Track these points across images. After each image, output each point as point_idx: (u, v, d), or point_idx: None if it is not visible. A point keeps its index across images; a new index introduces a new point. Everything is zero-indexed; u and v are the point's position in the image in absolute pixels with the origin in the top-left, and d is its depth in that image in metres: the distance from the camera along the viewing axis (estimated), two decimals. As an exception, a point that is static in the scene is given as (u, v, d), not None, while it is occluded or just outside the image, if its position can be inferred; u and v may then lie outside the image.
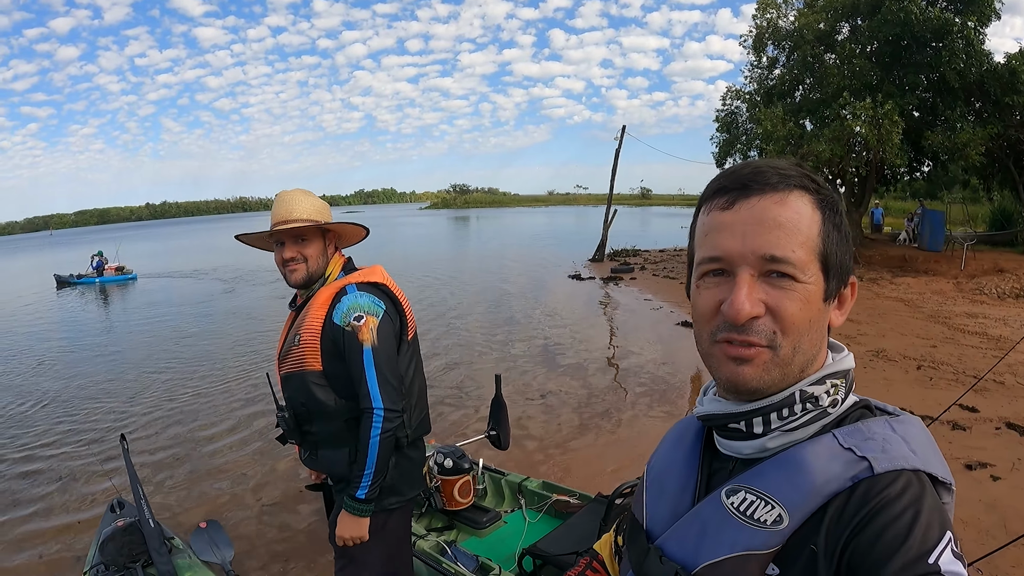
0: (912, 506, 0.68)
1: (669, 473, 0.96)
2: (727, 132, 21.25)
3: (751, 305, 0.75)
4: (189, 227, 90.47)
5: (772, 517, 0.74)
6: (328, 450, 2.18)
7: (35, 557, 4.19)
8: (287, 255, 2.13)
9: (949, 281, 13.05)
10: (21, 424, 6.96)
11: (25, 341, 12.09)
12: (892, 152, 15.30)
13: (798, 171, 0.80)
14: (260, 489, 5.04)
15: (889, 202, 28.48)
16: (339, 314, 2.07)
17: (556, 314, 12.39)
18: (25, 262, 40.40)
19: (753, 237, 0.76)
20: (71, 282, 21.39)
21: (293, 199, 2.16)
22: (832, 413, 0.81)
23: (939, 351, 7.84)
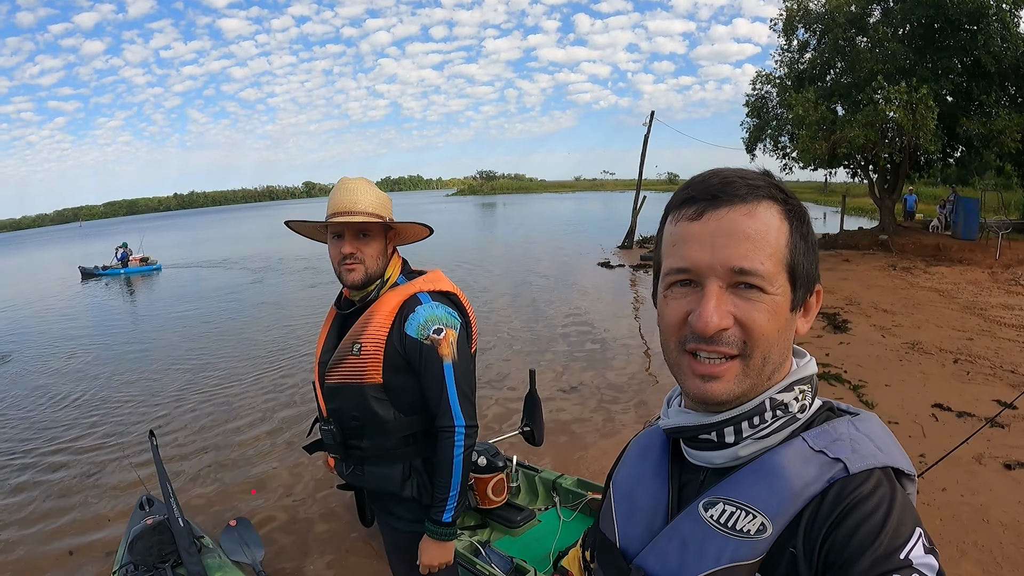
0: (884, 504, 0.70)
1: (638, 488, 0.95)
2: (757, 117, 20.86)
3: (719, 317, 0.76)
4: (217, 216, 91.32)
5: (755, 526, 0.75)
6: (378, 466, 2.01)
7: (64, 553, 4.22)
8: (346, 250, 1.92)
9: (984, 271, 12.74)
10: (51, 419, 7.05)
11: (55, 334, 12.25)
12: (927, 138, 14.93)
13: (766, 181, 0.81)
14: (290, 486, 5.04)
15: (919, 188, 27.91)
16: (414, 325, 1.90)
17: (586, 303, 12.28)
18: (56, 253, 41.22)
19: (722, 249, 0.77)
20: (96, 273, 21.74)
21: (358, 188, 1.95)
22: (801, 418, 0.82)
23: (975, 344, 7.64)
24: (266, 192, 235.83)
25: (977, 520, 3.95)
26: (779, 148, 20.61)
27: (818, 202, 43.47)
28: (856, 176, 20.83)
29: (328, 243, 2.00)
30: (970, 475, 4.44)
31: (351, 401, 1.96)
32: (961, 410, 5.58)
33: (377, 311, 1.94)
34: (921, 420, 5.48)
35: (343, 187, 1.95)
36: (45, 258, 38.32)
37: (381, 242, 1.99)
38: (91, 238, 54.31)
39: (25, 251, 49.24)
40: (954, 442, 4.95)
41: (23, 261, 38.07)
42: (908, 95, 14.65)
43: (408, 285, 1.98)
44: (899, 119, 14.93)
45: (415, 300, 1.94)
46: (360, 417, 1.96)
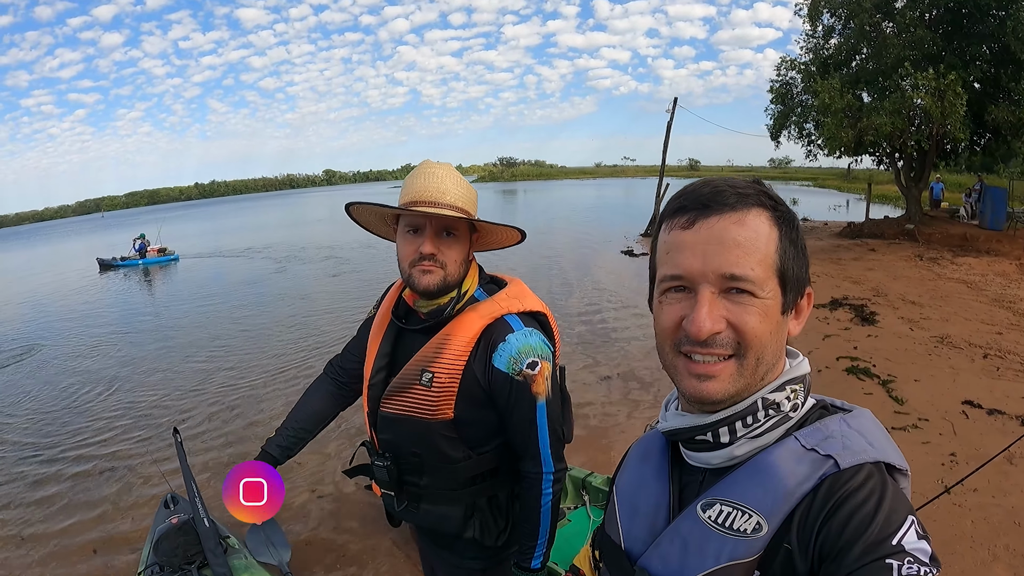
0: (875, 493, 0.73)
1: (640, 491, 0.99)
2: (782, 104, 20.56)
3: (712, 322, 0.79)
4: (238, 205, 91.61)
5: (751, 525, 0.78)
6: (436, 505, 1.74)
7: (89, 551, 4.25)
8: (427, 249, 1.57)
9: (1012, 262, 12.48)
10: (74, 414, 7.10)
11: (76, 327, 12.28)
12: (956, 126, 14.65)
13: (756, 189, 0.84)
14: (316, 484, 5.01)
15: (945, 175, 27.44)
16: (504, 357, 1.59)
17: (611, 292, 12.19)
18: (78, 244, 41.42)
19: (713, 256, 0.80)
20: (115, 264, 21.91)
21: (446, 176, 1.61)
22: (793, 417, 0.85)
23: (1005, 339, 7.47)
24: (286, 180, 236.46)
25: (1009, 523, 3.87)
26: (804, 135, 20.31)
27: (841, 189, 43.07)
28: (882, 164, 20.52)
29: (398, 237, 1.66)
30: (1002, 476, 4.35)
31: (412, 437, 1.69)
32: (992, 408, 5.47)
33: (455, 335, 1.63)
34: (951, 417, 5.38)
35: (427, 171, 1.62)
36: (68, 249, 38.50)
37: (466, 245, 1.67)
38: (113, 228, 54.49)
39: (49, 242, 49.65)
40: (985, 441, 4.91)
41: (47, 251, 38.57)
42: (936, 82, 14.34)
43: (491, 303, 1.67)
44: (927, 106, 14.63)
45: (504, 325, 1.64)
46: (423, 455, 1.70)
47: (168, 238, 25.16)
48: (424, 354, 1.65)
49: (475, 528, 1.73)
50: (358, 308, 11.51)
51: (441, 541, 1.84)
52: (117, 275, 20.28)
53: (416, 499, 1.76)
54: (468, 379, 1.62)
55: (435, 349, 1.64)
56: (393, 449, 1.74)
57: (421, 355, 1.65)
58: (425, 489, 1.74)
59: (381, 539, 4.16)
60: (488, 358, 1.61)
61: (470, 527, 1.73)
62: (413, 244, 1.60)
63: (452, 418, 1.65)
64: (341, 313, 11.52)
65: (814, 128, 19.48)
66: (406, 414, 1.67)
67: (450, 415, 1.64)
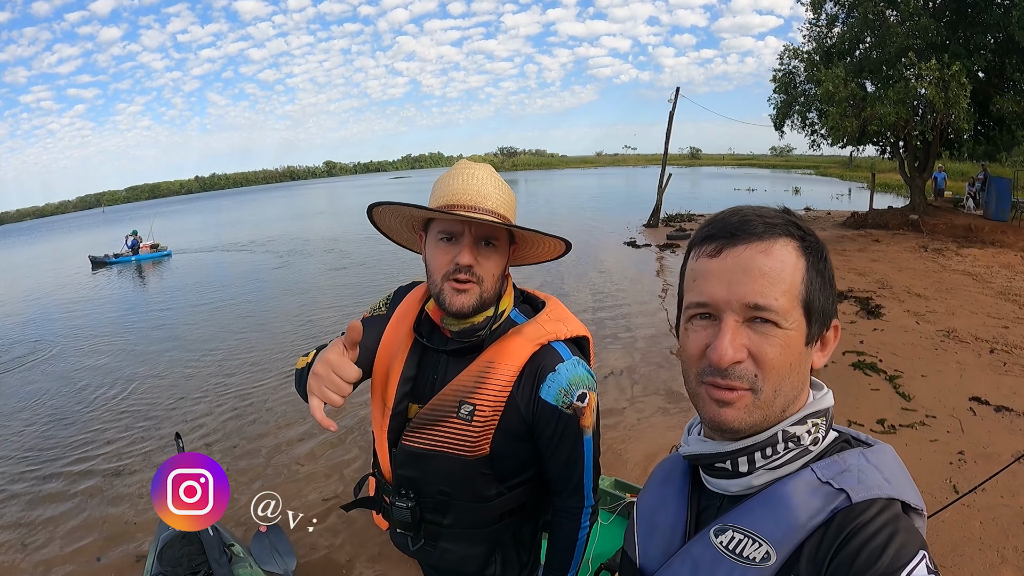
0: (887, 527, 0.73)
1: (659, 511, 1.00)
2: (785, 93, 20.42)
3: (734, 351, 0.80)
4: (239, 198, 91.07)
5: (760, 554, 0.78)
6: (458, 544, 1.56)
7: (92, 559, 4.23)
8: (465, 260, 1.38)
9: (1017, 254, 12.44)
10: (74, 420, 7.01)
11: (73, 329, 12.07)
12: (960, 116, 14.54)
13: (784, 219, 0.85)
14: (321, 489, 4.99)
15: (947, 164, 27.34)
16: (554, 389, 1.43)
17: (615, 284, 12.16)
18: (80, 240, 40.68)
19: (738, 285, 0.81)
20: (107, 262, 21.77)
21: (487, 178, 1.44)
22: (813, 450, 0.85)
23: (1011, 333, 7.44)
24: (287, 172, 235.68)
25: (1017, 524, 3.84)
26: (807, 124, 20.19)
27: (843, 177, 42.94)
28: (885, 153, 20.42)
29: (429, 245, 1.47)
30: (1010, 475, 4.31)
31: (442, 474, 1.49)
32: (1000, 404, 5.45)
33: (500, 362, 1.45)
34: (959, 414, 5.36)
35: (466, 172, 1.44)
36: (67, 245, 38.11)
37: (505, 257, 1.48)
38: (114, 223, 53.46)
39: (52, 238, 49.29)
40: (993, 439, 4.89)
41: (48, 248, 38.26)
42: (940, 72, 14.24)
43: (536, 326, 1.50)
44: (931, 96, 14.53)
45: (552, 353, 1.47)
46: (451, 494, 1.51)
47: (168, 232, 25.17)
48: (463, 383, 1.46)
49: (497, 566, 1.60)
50: (364, 303, 11.49)
51: None
52: (111, 273, 20.14)
53: (434, 538, 1.57)
54: (510, 411, 1.45)
55: (476, 378, 1.45)
56: (415, 487, 1.53)
57: (459, 384, 1.46)
58: (447, 528, 1.55)
59: (388, 546, 4.14)
60: (535, 389, 1.45)
61: (492, 565, 1.59)
62: (448, 253, 1.41)
63: (488, 454, 1.47)
64: (343, 307, 11.49)
65: (818, 117, 19.34)
66: (438, 450, 1.47)
67: (487, 450, 1.47)
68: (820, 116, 18.77)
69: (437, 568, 1.70)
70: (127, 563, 4.14)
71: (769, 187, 38.37)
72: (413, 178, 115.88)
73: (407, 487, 1.54)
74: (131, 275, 19.31)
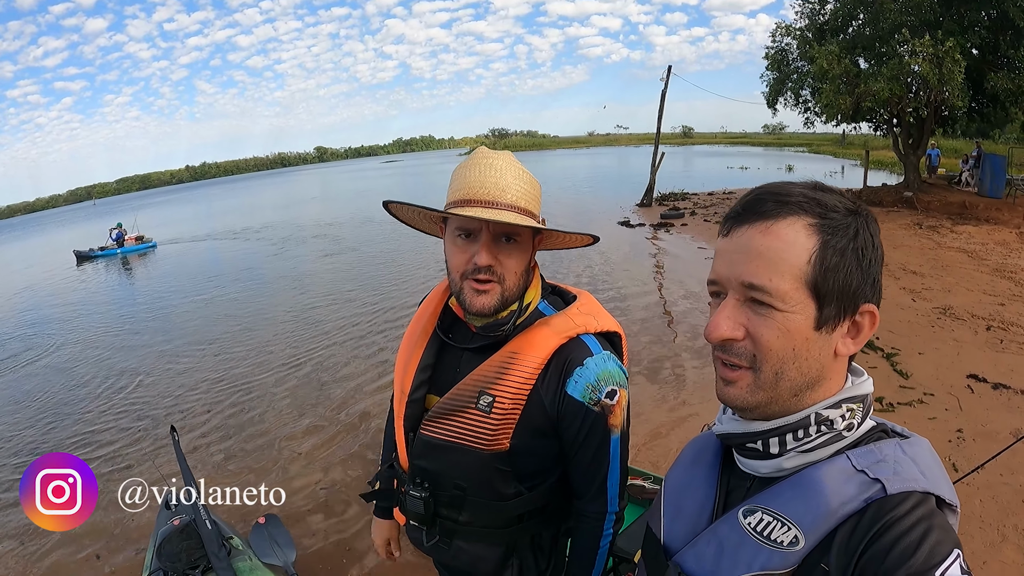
0: (922, 523, 0.71)
1: (688, 489, 0.99)
2: (777, 70, 20.36)
3: (725, 328, 0.81)
4: (230, 186, 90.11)
5: (788, 538, 0.77)
6: (472, 544, 1.50)
7: (91, 556, 4.17)
8: (483, 261, 1.32)
9: (1012, 231, 12.40)
10: (66, 415, 6.92)
11: (63, 323, 11.89)
12: (955, 93, 14.50)
13: (804, 195, 0.81)
14: (321, 479, 4.95)
15: (941, 141, 27.30)
16: (581, 384, 1.35)
17: (610, 264, 12.12)
18: (71, 234, 39.13)
19: (736, 265, 0.81)
20: (92, 256, 21.48)
21: (505, 169, 1.36)
22: (847, 436, 0.83)
23: (1008, 310, 7.44)
24: (278, 159, 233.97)
25: (1017, 502, 3.85)
26: (801, 102, 20.13)
27: (836, 155, 42.92)
28: (879, 130, 20.37)
29: (447, 241, 1.40)
30: (1010, 453, 4.28)
31: (458, 468, 1.43)
32: (997, 382, 5.45)
33: (524, 353, 1.37)
34: (957, 392, 5.36)
35: (483, 162, 1.36)
36: (59, 239, 36.60)
37: (528, 252, 1.41)
38: (105, 216, 52.14)
39: (43, 232, 48.10)
40: (991, 417, 4.89)
41: (39, 243, 37.65)
42: (934, 48, 14.18)
43: (565, 318, 1.42)
44: (925, 73, 14.49)
45: (581, 347, 1.39)
46: (467, 489, 1.44)
47: (160, 223, 24.92)
48: (483, 373, 1.39)
49: (513, 570, 1.51)
50: (362, 292, 11.49)
51: None
52: (96, 266, 19.85)
53: (449, 534, 1.51)
54: (533, 405, 1.38)
55: (498, 368, 1.38)
56: (431, 479, 1.47)
57: (480, 374, 1.39)
58: (462, 526, 1.48)
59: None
60: (561, 383, 1.37)
61: (508, 570, 1.51)
62: (465, 252, 1.35)
63: (508, 449, 1.40)
64: (339, 294, 11.39)
65: (811, 95, 19.31)
66: (454, 442, 1.41)
67: (506, 445, 1.39)
68: (814, 93, 18.77)
69: (450, 568, 1.65)
70: (126, 560, 4.10)
71: (762, 165, 38.31)
72: (405, 162, 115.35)
73: (423, 478, 1.48)
74: (118, 268, 19.05)
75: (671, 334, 7.83)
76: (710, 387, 5.26)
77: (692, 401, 5.76)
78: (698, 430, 4.74)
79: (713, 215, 17.49)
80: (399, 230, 15.30)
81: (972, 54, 15.82)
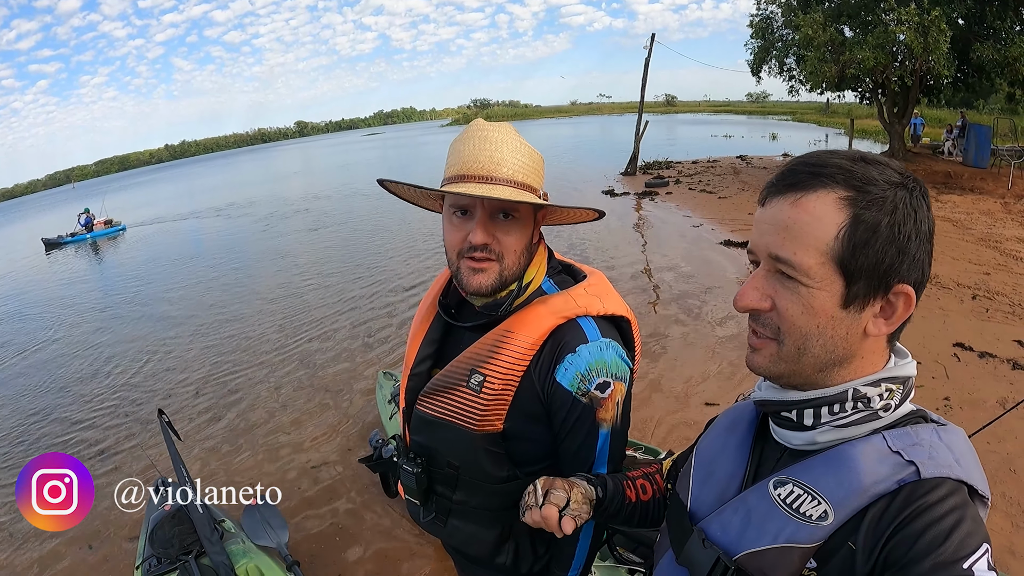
0: (954, 512, 0.70)
1: (719, 458, 0.99)
2: (762, 38, 20.22)
3: (752, 298, 0.82)
4: (210, 164, 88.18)
5: (817, 512, 0.77)
6: (467, 523, 1.45)
7: (85, 548, 4.12)
8: (478, 239, 1.25)
9: (996, 201, 12.42)
10: (54, 402, 6.82)
11: (43, 309, 11.64)
12: (940, 62, 14.46)
13: (839, 166, 0.78)
14: (310, 458, 4.93)
15: (925, 111, 27.34)
16: (571, 374, 1.28)
17: (595, 233, 12.02)
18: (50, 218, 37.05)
19: (765, 236, 0.81)
20: (61, 242, 20.92)
21: (502, 142, 1.28)
22: (884, 417, 0.82)
23: (993, 279, 7.50)
24: (258, 135, 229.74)
25: (1005, 470, 3.91)
26: (785, 70, 20.03)
27: (820, 123, 42.77)
28: (864, 99, 20.35)
29: (444, 219, 1.34)
30: (997, 422, 4.37)
31: (451, 446, 1.39)
32: (983, 351, 5.51)
33: (518, 332, 1.31)
34: (943, 360, 5.42)
35: (478, 135, 1.29)
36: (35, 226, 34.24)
37: (528, 228, 1.33)
38: (84, 199, 50.68)
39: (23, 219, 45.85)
40: (978, 385, 4.96)
41: (17, 229, 36.04)
42: (920, 17, 14.10)
43: (564, 299, 1.34)
44: (910, 41, 14.43)
45: (576, 331, 1.31)
46: (461, 468, 1.40)
47: (139, 204, 24.31)
48: (476, 351, 1.33)
49: (508, 555, 1.46)
50: (347, 270, 11.38)
51: (470, 558, 1.58)
52: (66, 253, 19.20)
53: (445, 512, 1.47)
54: (527, 389, 1.31)
55: (490, 347, 1.32)
56: (426, 455, 1.44)
57: (472, 352, 1.34)
58: (457, 504, 1.44)
59: (383, 517, 4.12)
60: (551, 368, 1.30)
61: (503, 553, 1.46)
62: (461, 230, 1.28)
63: (501, 431, 1.35)
64: (325, 277, 11.20)
65: (795, 63, 19.20)
66: (446, 419, 1.37)
67: (499, 427, 1.34)
68: (798, 61, 18.64)
69: (447, 545, 1.65)
70: (119, 549, 4.06)
71: (746, 133, 38.08)
72: (387, 134, 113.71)
73: (419, 453, 1.45)
74: (88, 254, 18.58)
75: (654, 302, 7.82)
76: (688, 357, 5.25)
77: (666, 372, 5.80)
78: (676, 401, 4.73)
79: (698, 183, 17.41)
80: (385, 203, 14.94)
81: (958, 24, 15.74)
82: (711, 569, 0.86)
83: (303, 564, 3.59)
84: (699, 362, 5.99)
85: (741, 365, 5.76)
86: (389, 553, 3.78)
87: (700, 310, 7.48)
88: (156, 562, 2.86)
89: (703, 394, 5.33)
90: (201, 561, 2.86)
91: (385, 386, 4.86)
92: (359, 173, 31.53)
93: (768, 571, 0.80)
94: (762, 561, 0.80)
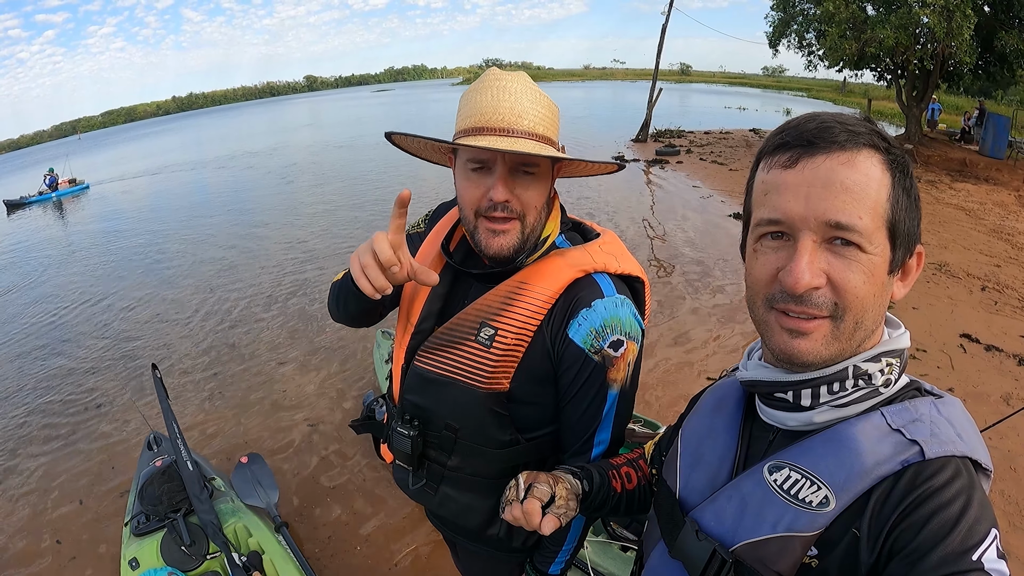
0: (961, 496, 0.66)
1: (707, 440, 0.94)
2: (783, 11, 19.80)
3: (811, 275, 0.72)
4: (218, 116, 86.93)
5: (818, 498, 0.73)
6: (461, 493, 1.38)
7: (76, 503, 4.10)
8: (499, 196, 1.17)
9: (1011, 193, 12.25)
10: (44, 357, 6.68)
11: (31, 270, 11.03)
12: (962, 48, 14.16)
13: (867, 127, 0.75)
14: (307, 416, 4.89)
15: (942, 97, 26.97)
16: (584, 330, 1.21)
17: (603, 199, 11.93)
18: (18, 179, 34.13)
19: (818, 200, 0.72)
20: (25, 203, 20.40)
21: (521, 92, 1.19)
22: (884, 393, 0.78)
23: (1003, 272, 7.40)
24: (267, 88, 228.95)
25: (1005, 467, 3.87)
26: (805, 45, 19.67)
27: (836, 102, 42.24)
28: (882, 80, 20.01)
29: (458, 174, 1.25)
30: (997, 418, 4.34)
31: (451, 406, 1.30)
32: (990, 343, 5.45)
33: (535, 283, 1.23)
34: (949, 350, 5.36)
35: (496, 85, 1.19)
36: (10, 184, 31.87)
37: (547, 183, 1.25)
38: (90, 151, 47.52)
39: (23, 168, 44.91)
40: (983, 378, 4.89)
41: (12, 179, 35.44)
42: (945, 0, 13.78)
43: (582, 252, 1.27)
44: (933, 24, 14.11)
45: (592, 286, 1.24)
46: (461, 430, 1.31)
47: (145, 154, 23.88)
48: (488, 303, 1.25)
49: (501, 527, 1.40)
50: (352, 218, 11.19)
51: (459, 530, 1.51)
52: (33, 212, 18.39)
53: (436, 479, 1.39)
54: (536, 346, 1.24)
55: (504, 298, 1.24)
56: (422, 416, 1.35)
57: (483, 303, 1.26)
58: (451, 471, 1.37)
59: (375, 477, 4.09)
60: (564, 324, 1.23)
61: (496, 525, 1.40)
62: (480, 187, 1.19)
63: (507, 390, 1.26)
64: (332, 230, 10.84)
65: (815, 38, 18.84)
66: (450, 376, 1.28)
67: (506, 386, 1.26)
68: (818, 37, 18.31)
69: (436, 516, 1.55)
70: (110, 503, 4.04)
71: (760, 106, 37.62)
72: (396, 91, 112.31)
73: (413, 414, 1.36)
74: (54, 212, 17.92)
75: (657, 270, 7.69)
76: (691, 330, 5.15)
77: (668, 344, 5.72)
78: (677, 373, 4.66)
79: (709, 154, 17.18)
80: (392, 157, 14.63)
81: (984, 11, 15.39)
82: (707, 562, 0.82)
83: (292, 525, 3.58)
84: (701, 335, 5.94)
85: (744, 339, 5.73)
86: (381, 516, 3.75)
87: (705, 282, 7.41)
88: (145, 519, 2.83)
89: (705, 368, 5.29)
90: (189, 519, 2.82)
91: (383, 345, 4.81)
92: (371, 127, 30.64)
93: (767, 562, 0.76)
94: (761, 552, 0.77)
